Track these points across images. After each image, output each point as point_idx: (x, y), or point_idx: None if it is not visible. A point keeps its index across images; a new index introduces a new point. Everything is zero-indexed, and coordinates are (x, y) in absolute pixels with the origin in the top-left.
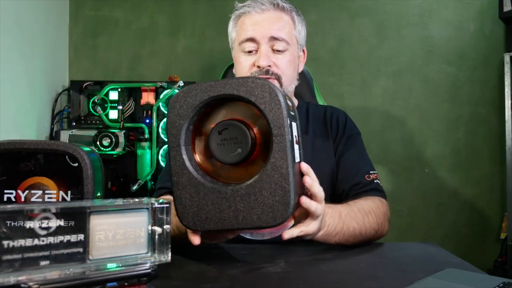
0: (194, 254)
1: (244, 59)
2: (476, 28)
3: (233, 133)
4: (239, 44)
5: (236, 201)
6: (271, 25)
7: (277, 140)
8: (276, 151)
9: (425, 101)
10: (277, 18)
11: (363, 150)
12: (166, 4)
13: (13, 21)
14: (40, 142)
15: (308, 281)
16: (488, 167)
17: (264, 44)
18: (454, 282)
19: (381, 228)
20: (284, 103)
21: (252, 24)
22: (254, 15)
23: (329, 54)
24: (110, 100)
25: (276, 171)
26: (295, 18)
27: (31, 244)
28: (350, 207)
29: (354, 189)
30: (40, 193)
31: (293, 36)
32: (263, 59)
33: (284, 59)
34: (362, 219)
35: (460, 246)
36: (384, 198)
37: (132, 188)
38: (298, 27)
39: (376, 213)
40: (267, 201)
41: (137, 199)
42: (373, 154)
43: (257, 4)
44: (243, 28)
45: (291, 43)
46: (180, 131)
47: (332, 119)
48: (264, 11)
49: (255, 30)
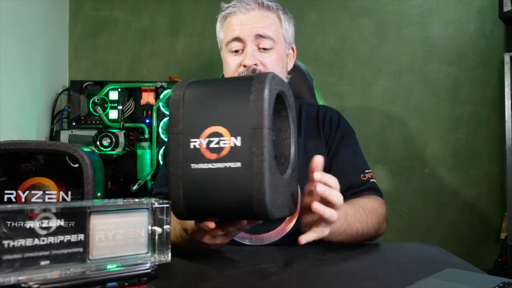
0: (194, 254)
1: (231, 59)
2: (476, 28)
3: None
4: (226, 45)
5: (288, 190)
6: (256, 23)
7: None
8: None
9: (425, 101)
10: (262, 17)
11: (358, 149)
12: (166, 4)
13: (13, 21)
14: (40, 142)
15: (308, 281)
16: (488, 167)
17: (250, 42)
18: (454, 282)
19: (381, 227)
20: None
21: (238, 24)
22: (239, 15)
23: (329, 54)
24: (110, 100)
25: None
26: (282, 17)
27: (31, 244)
28: (355, 206)
29: (350, 189)
30: (41, 194)
31: (280, 34)
32: (249, 58)
33: (271, 57)
34: (366, 219)
35: (460, 246)
36: (381, 197)
37: (132, 188)
38: (284, 25)
39: (377, 212)
40: (291, 191)
41: (137, 199)
42: (373, 154)
43: (242, 4)
44: (229, 29)
45: (278, 41)
46: (271, 113)
47: (325, 119)
48: (249, 10)
49: (240, 30)
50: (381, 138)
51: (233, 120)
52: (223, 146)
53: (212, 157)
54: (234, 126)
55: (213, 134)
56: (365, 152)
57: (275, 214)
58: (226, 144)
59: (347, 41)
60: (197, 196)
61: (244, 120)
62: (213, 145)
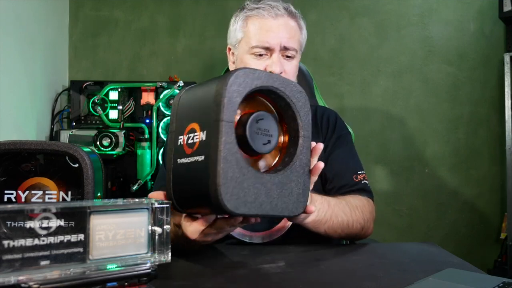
0: (194, 254)
1: (254, 62)
2: (476, 28)
3: (267, 125)
4: (250, 47)
5: (272, 188)
6: (285, 33)
7: (304, 141)
8: (304, 150)
9: (425, 101)
10: (289, 26)
11: (353, 150)
12: (166, 4)
13: (13, 21)
14: (40, 142)
15: (308, 281)
16: (488, 167)
17: (277, 51)
18: (454, 282)
19: (366, 225)
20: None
21: (266, 29)
22: (269, 20)
23: (329, 54)
24: (110, 100)
25: (302, 168)
26: (301, 24)
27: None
28: (338, 199)
29: (342, 189)
30: (41, 194)
31: (300, 42)
32: (276, 66)
33: (292, 65)
34: (350, 212)
35: (460, 246)
36: (371, 199)
37: (132, 188)
38: (303, 33)
39: (362, 209)
40: (294, 192)
41: (137, 199)
42: (373, 154)
43: (272, 8)
44: (256, 32)
45: (298, 50)
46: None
47: (323, 119)
48: (278, 16)
49: (269, 37)
50: (381, 138)
51: (202, 116)
52: (195, 141)
53: (188, 151)
54: (202, 121)
55: (191, 130)
56: (365, 152)
57: (237, 209)
58: (196, 138)
59: (346, 41)
60: (180, 190)
61: (208, 115)
62: (190, 141)
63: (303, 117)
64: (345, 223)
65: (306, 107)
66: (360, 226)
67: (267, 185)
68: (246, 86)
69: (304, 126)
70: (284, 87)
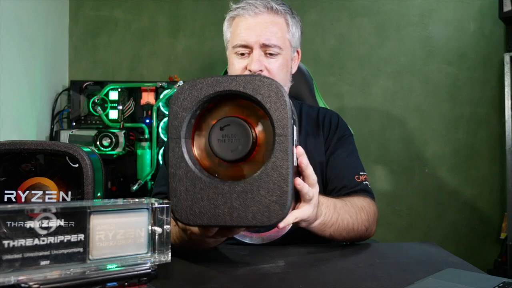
0: (194, 254)
1: (237, 61)
2: (476, 28)
3: (235, 130)
4: (232, 47)
5: (232, 198)
6: (264, 30)
7: (279, 140)
8: (278, 151)
9: (425, 101)
10: (270, 23)
11: (354, 151)
12: (166, 4)
13: (13, 21)
14: (40, 142)
15: (308, 281)
16: (488, 167)
17: (256, 48)
18: (454, 282)
19: (371, 226)
20: (289, 104)
21: (245, 28)
22: (247, 19)
23: (329, 54)
24: (110, 100)
25: (276, 171)
26: (289, 21)
27: (31, 244)
28: (344, 201)
29: (343, 190)
30: (41, 194)
31: (286, 39)
32: (255, 64)
33: (276, 63)
34: (355, 214)
35: (460, 246)
36: (372, 200)
37: (132, 188)
38: (292, 30)
39: (367, 211)
40: (263, 200)
41: (137, 199)
42: (373, 154)
43: (251, 7)
44: (237, 32)
45: (284, 47)
46: (182, 123)
47: (325, 120)
48: (258, 14)
49: (248, 35)
50: (381, 138)
51: None
52: None
53: None
54: None
55: None
56: (365, 152)
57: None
58: None
59: (346, 41)
60: None
61: None
62: None
63: (277, 113)
64: (351, 225)
65: (280, 100)
66: (365, 228)
67: (225, 195)
68: (194, 99)
69: (279, 124)
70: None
